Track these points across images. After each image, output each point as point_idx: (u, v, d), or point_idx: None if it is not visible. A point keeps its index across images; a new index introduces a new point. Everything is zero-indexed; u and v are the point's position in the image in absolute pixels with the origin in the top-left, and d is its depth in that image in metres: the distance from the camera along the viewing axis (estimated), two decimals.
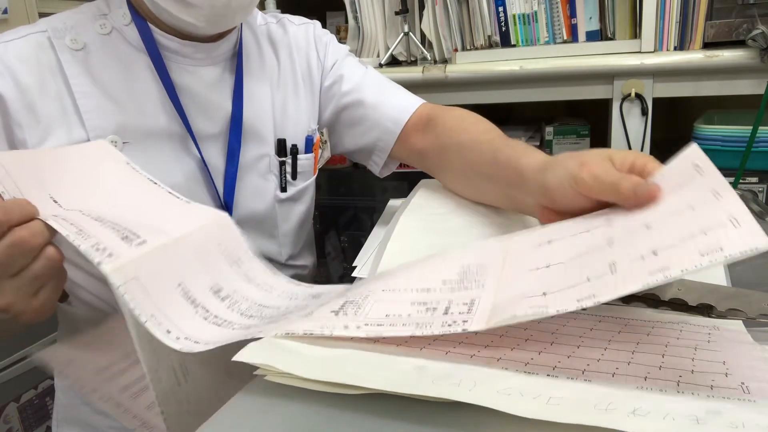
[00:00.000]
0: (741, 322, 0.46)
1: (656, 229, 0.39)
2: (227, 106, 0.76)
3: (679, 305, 0.51)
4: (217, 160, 0.75)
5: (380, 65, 1.49)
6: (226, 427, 0.37)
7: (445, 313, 0.42)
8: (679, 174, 0.44)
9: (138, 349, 0.44)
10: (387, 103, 0.83)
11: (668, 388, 0.35)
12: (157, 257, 0.46)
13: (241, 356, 0.39)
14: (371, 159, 0.87)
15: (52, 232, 0.46)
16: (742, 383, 0.35)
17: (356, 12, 1.54)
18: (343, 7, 1.57)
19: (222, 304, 0.49)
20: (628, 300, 0.52)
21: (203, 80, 0.74)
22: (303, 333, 0.42)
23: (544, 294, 0.39)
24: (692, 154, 0.44)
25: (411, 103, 0.83)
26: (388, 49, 1.50)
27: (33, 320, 0.49)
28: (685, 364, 0.38)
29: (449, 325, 0.40)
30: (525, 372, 0.37)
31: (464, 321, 0.40)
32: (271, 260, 0.81)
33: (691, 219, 0.38)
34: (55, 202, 0.50)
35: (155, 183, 0.57)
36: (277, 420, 0.37)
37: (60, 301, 0.73)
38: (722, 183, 0.40)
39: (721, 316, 0.49)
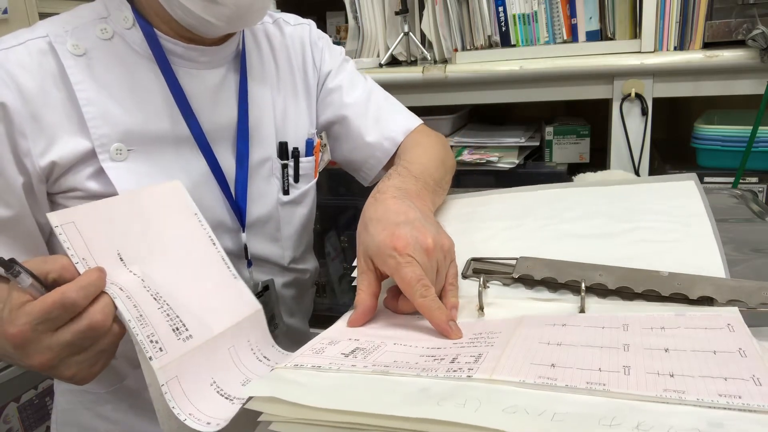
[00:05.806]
0: (738, 311, 0.46)
1: (675, 358, 0.40)
2: (233, 108, 0.75)
3: (680, 300, 0.51)
4: (226, 164, 0.74)
5: (380, 65, 1.49)
6: None
7: (452, 362, 0.43)
8: (708, 319, 0.45)
9: None
10: (382, 126, 0.85)
11: (671, 399, 0.35)
12: (197, 356, 0.50)
13: (247, 390, 0.41)
14: (359, 173, 0.90)
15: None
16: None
17: (356, 12, 1.53)
18: (343, 7, 1.57)
19: None
20: (630, 297, 0.53)
21: (208, 84, 0.74)
22: (311, 367, 0.44)
23: (553, 365, 0.40)
24: (729, 316, 0.45)
25: (404, 129, 0.86)
26: (388, 49, 1.50)
27: (88, 382, 0.52)
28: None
29: (454, 371, 0.41)
30: (528, 386, 0.38)
31: (470, 369, 0.41)
32: (274, 264, 0.82)
33: (712, 363, 0.39)
34: (121, 259, 0.53)
35: (214, 244, 0.60)
36: None
37: None
38: (749, 343, 0.40)
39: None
